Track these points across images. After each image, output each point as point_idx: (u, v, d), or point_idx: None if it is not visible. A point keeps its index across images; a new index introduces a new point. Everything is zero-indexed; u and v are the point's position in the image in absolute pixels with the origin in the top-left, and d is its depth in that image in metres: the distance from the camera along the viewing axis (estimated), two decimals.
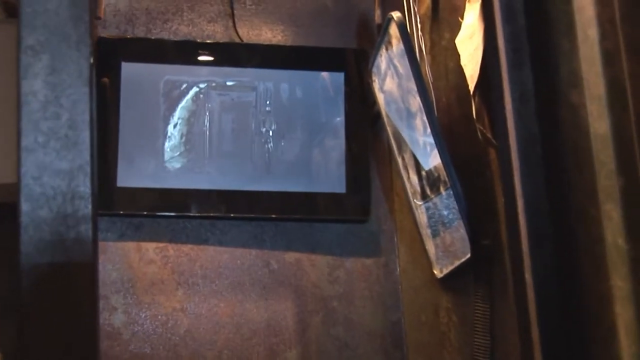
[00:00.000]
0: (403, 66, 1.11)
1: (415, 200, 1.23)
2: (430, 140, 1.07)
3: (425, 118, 1.06)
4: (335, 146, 1.41)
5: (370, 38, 1.48)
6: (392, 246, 1.44)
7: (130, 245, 1.35)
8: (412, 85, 1.08)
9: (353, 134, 1.42)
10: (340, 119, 1.42)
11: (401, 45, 1.09)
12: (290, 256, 1.40)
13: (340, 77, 1.42)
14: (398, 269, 1.42)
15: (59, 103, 0.74)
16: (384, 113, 1.28)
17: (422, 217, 1.21)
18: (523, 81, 0.83)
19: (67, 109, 0.75)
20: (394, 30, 1.12)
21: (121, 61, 1.36)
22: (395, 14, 1.11)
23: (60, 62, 0.75)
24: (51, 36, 0.76)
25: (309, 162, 1.41)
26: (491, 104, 0.94)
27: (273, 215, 1.38)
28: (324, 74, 1.43)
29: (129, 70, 1.36)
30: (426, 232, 1.20)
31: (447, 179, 1.05)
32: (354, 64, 1.43)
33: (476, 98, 1.01)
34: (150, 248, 1.36)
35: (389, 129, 1.28)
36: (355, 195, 1.40)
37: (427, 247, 1.21)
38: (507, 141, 0.84)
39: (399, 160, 1.26)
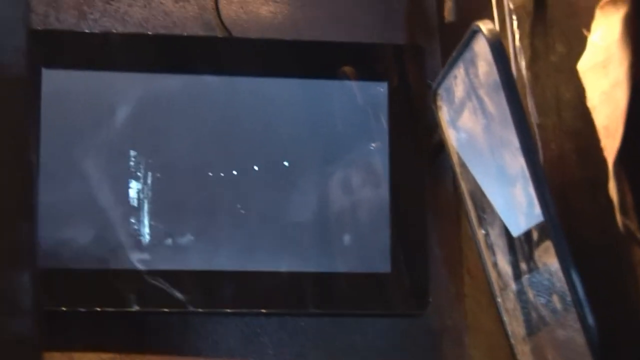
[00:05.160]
0: (496, 105, 1.15)
1: (501, 290, 1.28)
2: (539, 222, 1.11)
3: (533, 191, 1.11)
4: (374, 196, 1.47)
5: (427, 31, 1.53)
6: (461, 352, 1.50)
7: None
8: (513, 139, 1.12)
9: (401, 176, 1.47)
10: (380, 148, 1.47)
11: (495, 75, 1.13)
12: None
13: (381, 89, 1.47)
14: None
15: None
16: (454, 158, 1.33)
17: (509, 307, 1.25)
18: None
19: None
20: (482, 48, 1.15)
21: (41, 68, 1.38)
22: (486, 26, 1.12)
23: None
24: None
25: (331, 221, 1.46)
26: None
27: (272, 310, 1.43)
28: (356, 85, 1.47)
29: (54, 81, 1.39)
30: (519, 334, 1.24)
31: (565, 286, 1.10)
32: (404, 69, 1.48)
33: (615, 169, 1.03)
34: None
35: (462, 183, 1.32)
36: (406, 276, 1.45)
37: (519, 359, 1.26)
38: None
39: (479, 233, 1.31)
